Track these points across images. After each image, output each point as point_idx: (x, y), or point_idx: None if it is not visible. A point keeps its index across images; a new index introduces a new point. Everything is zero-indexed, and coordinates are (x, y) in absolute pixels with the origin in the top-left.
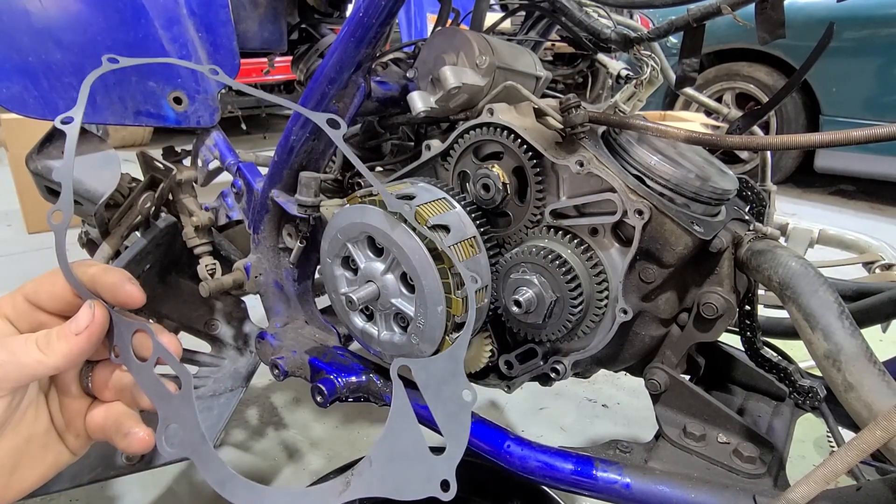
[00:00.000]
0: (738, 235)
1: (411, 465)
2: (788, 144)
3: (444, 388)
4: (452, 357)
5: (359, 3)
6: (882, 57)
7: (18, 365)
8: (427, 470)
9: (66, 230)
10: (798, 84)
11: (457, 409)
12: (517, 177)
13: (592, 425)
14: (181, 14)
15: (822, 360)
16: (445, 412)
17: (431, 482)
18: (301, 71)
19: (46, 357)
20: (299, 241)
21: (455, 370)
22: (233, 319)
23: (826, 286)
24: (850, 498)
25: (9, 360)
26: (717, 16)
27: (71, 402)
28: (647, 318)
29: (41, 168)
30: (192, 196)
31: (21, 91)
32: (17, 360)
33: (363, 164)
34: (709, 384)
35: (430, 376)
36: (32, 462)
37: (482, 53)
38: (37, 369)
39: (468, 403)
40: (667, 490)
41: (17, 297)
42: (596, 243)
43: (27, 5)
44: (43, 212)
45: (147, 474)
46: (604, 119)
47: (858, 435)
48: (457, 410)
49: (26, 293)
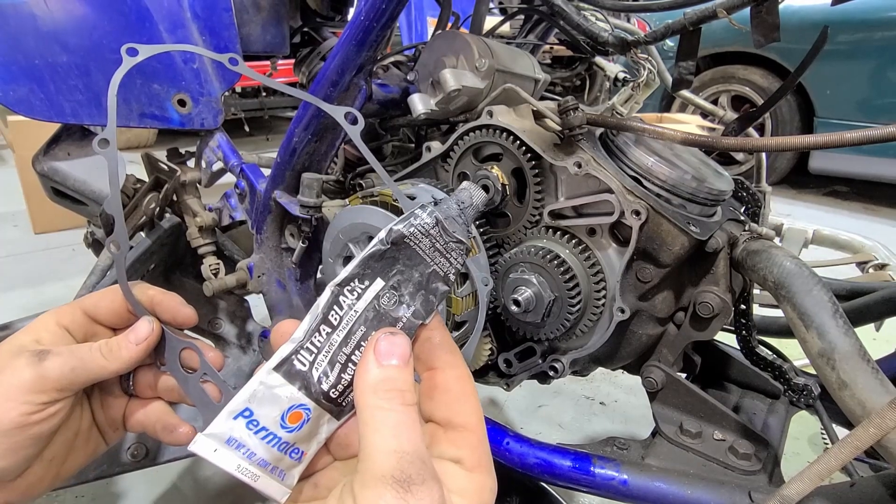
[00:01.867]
0: (734, 236)
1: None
2: (783, 146)
3: None
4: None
5: (360, 7)
6: (875, 60)
7: (86, 370)
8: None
9: (124, 258)
10: (793, 87)
11: None
12: (516, 178)
13: (590, 423)
14: (185, 18)
15: (816, 358)
16: None
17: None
18: (303, 74)
19: (109, 363)
20: (301, 242)
21: None
22: (236, 318)
23: (820, 286)
24: (844, 494)
25: (79, 364)
26: (713, 19)
27: (113, 400)
28: (645, 317)
29: (47, 169)
30: (196, 197)
31: (28, 93)
32: (85, 366)
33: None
34: (705, 382)
35: None
36: (77, 454)
37: (482, 56)
38: (100, 373)
39: None
40: (663, 486)
41: (76, 309)
42: (594, 243)
43: (34, 9)
44: (49, 212)
45: (151, 471)
46: (601, 121)
47: (852, 432)
48: None
49: (85, 307)
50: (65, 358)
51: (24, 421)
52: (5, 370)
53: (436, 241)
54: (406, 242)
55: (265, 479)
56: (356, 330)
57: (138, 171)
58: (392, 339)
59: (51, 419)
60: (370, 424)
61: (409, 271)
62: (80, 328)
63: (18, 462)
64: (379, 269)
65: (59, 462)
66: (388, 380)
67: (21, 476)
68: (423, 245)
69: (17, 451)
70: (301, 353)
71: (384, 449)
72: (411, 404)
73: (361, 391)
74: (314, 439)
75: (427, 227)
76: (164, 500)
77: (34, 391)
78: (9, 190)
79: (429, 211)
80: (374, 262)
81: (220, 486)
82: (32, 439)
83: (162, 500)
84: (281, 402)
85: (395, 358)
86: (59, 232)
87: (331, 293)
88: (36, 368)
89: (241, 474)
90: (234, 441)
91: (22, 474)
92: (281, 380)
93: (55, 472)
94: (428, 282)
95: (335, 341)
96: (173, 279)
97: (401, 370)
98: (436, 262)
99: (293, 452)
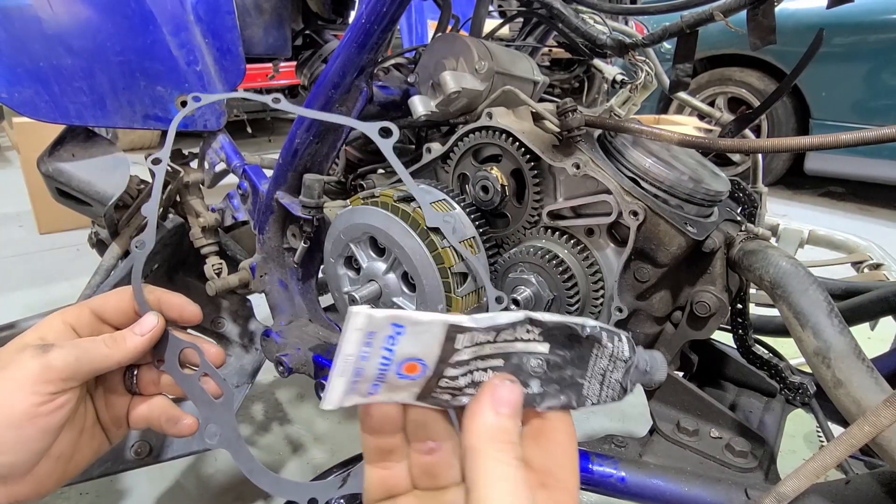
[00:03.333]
0: (731, 236)
1: None
2: (779, 147)
3: None
4: None
5: (361, 10)
6: (870, 62)
7: (90, 360)
8: None
9: (144, 257)
10: (788, 88)
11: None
12: (515, 179)
13: (588, 420)
14: (188, 20)
15: (812, 357)
16: None
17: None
18: (305, 76)
19: (112, 352)
20: (303, 242)
21: None
22: (238, 317)
23: (816, 285)
24: (839, 491)
25: (83, 354)
26: (710, 22)
27: (116, 398)
28: (642, 316)
29: (52, 170)
30: (199, 198)
31: (33, 95)
32: (89, 356)
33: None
34: (702, 381)
35: None
36: (82, 452)
37: (481, 59)
38: (104, 363)
39: None
40: (661, 483)
41: (82, 309)
42: (592, 243)
43: (39, 12)
44: (53, 213)
45: (155, 468)
46: (599, 122)
47: (847, 430)
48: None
49: (93, 306)
50: (69, 349)
51: (33, 412)
52: (11, 365)
53: (609, 370)
54: (593, 349)
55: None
56: (497, 358)
57: (142, 172)
58: (511, 388)
59: (58, 411)
60: (485, 474)
61: (569, 366)
62: (87, 327)
63: (28, 457)
64: (555, 340)
65: (66, 459)
66: (504, 430)
67: (30, 473)
68: (599, 362)
69: (27, 445)
70: (468, 335)
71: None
72: (522, 458)
73: (476, 435)
74: (391, 394)
75: (617, 353)
76: (167, 497)
77: (41, 381)
78: (14, 191)
79: (630, 345)
80: (559, 332)
81: (223, 483)
82: (41, 432)
83: (165, 497)
84: (423, 346)
85: (510, 407)
86: (63, 232)
87: (522, 317)
88: (40, 359)
89: (340, 360)
90: (371, 334)
91: (31, 471)
92: (444, 335)
93: (62, 470)
94: (568, 386)
95: (483, 352)
96: (177, 279)
97: (514, 420)
98: (589, 381)
99: (374, 386)
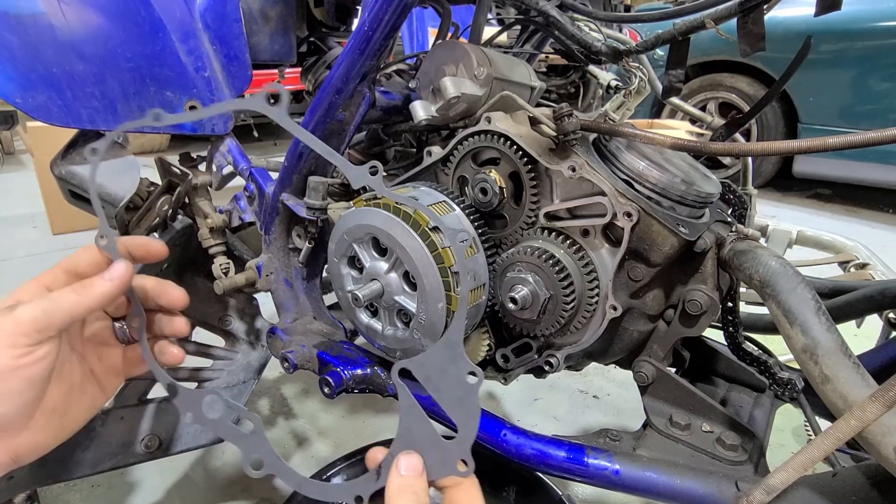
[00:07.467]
0: (721, 236)
1: (429, 454)
2: (768, 151)
3: (445, 377)
4: (449, 344)
5: (364, 18)
6: (856, 68)
7: (60, 309)
8: (444, 456)
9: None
10: (777, 94)
11: (463, 393)
12: (513, 181)
13: (584, 415)
14: (197, 28)
15: (800, 353)
16: (452, 399)
17: (449, 465)
18: (309, 81)
19: (82, 298)
20: (308, 242)
21: (454, 356)
22: (245, 315)
23: (804, 284)
24: (826, 484)
25: (52, 306)
26: (702, 30)
27: (109, 350)
28: (636, 314)
29: (64, 173)
30: (207, 199)
31: (46, 100)
32: (58, 306)
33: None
34: (693, 376)
35: (429, 369)
36: (78, 406)
37: (480, 65)
38: (75, 309)
39: (473, 386)
40: (654, 476)
41: (56, 270)
42: (587, 244)
43: (52, 20)
44: (66, 214)
45: (165, 461)
46: (594, 127)
47: (834, 424)
48: (463, 395)
49: (65, 266)
50: (35, 302)
51: (14, 364)
52: None
53: None
54: None
55: None
56: None
57: (152, 174)
58: (409, 458)
59: (40, 362)
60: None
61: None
62: (63, 286)
63: (18, 407)
64: None
65: (61, 413)
66: (406, 485)
67: (27, 428)
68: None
69: (15, 395)
70: None
71: None
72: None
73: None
74: None
75: None
76: (176, 490)
77: (14, 335)
78: (28, 193)
79: None
80: None
81: (231, 475)
82: (27, 382)
83: (174, 490)
84: None
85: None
86: (76, 233)
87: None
88: (8, 317)
89: None
90: None
91: (27, 425)
92: None
93: (58, 424)
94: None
95: None
96: (185, 278)
97: (416, 479)
98: None
99: None
